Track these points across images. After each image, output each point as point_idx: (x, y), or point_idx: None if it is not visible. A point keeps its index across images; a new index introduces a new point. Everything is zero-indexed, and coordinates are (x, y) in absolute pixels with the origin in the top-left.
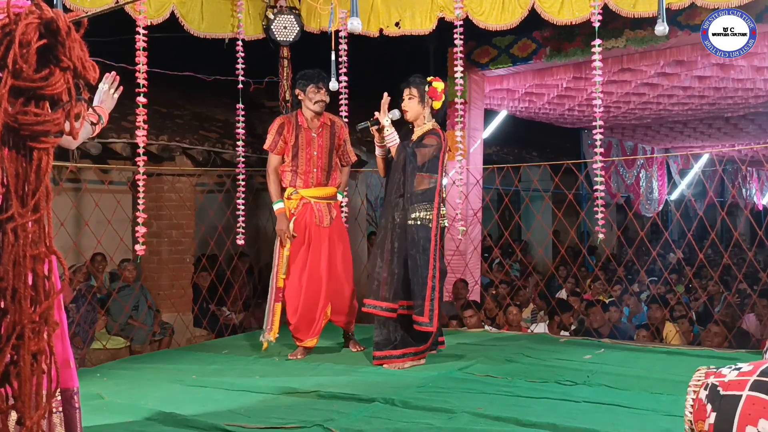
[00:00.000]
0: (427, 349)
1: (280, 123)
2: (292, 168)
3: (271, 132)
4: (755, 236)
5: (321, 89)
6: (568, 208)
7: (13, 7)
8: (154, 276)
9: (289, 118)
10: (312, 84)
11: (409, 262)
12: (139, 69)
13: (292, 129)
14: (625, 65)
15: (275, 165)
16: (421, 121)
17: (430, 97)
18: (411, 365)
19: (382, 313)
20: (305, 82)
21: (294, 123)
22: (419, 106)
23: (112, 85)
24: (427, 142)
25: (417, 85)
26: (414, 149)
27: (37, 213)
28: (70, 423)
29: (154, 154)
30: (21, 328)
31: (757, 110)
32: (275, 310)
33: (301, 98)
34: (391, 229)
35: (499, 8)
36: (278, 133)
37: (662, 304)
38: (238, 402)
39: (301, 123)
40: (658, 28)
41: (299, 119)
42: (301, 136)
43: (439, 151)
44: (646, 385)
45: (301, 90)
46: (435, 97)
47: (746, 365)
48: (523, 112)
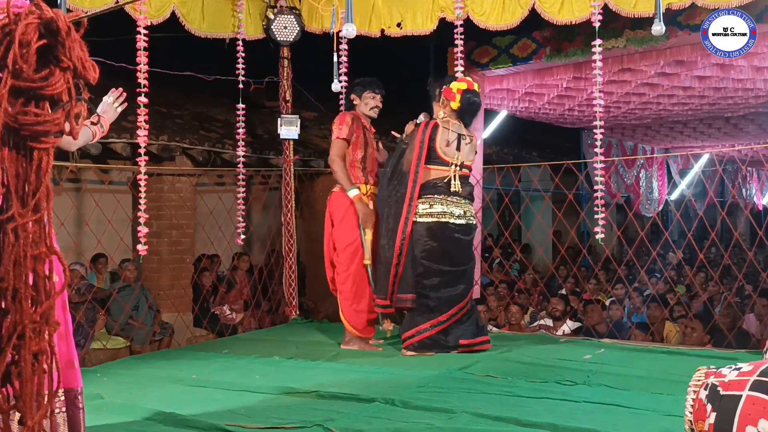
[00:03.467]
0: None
1: (352, 116)
2: (360, 166)
3: (344, 123)
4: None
5: (377, 95)
6: (568, 208)
7: (13, 7)
8: (154, 276)
9: (354, 116)
10: (369, 90)
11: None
12: (140, 69)
13: (360, 127)
14: (625, 65)
15: (343, 153)
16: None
17: (445, 97)
18: None
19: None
20: (362, 88)
21: (360, 122)
22: (435, 106)
23: (117, 99)
24: (407, 140)
25: (439, 85)
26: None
27: (38, 213)
28: (74, 423)
29: (154, 154)
30: (22, 328)
31: (757, 110)
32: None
33: (356, 103)
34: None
35: (499, 8)
36: (353, 124)
37: (662, 303)
38: (238, 402)
39: (364, 123)
40: (655, 27)
41: (362, 119)
42: (368, 136)
43: (413, 143)
44: (646, 385)
45: (357, 95)
46: (449, 97)
47: (746, 365)
48: (523, 112)
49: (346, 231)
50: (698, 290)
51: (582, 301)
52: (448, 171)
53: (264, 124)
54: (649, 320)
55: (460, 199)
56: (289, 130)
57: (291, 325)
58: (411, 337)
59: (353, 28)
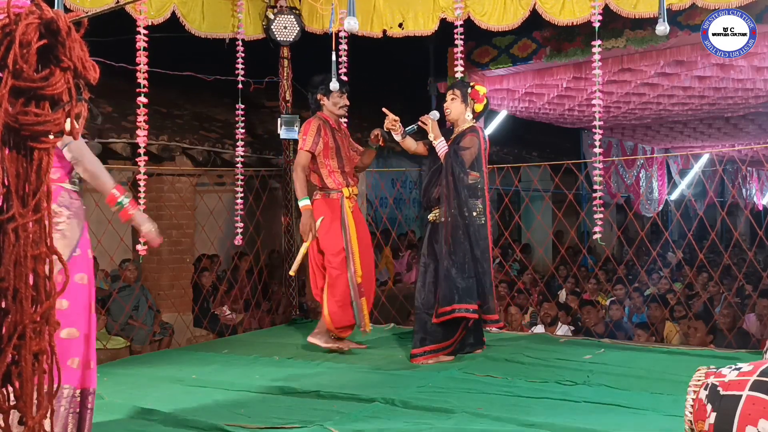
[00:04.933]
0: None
1: (318, 123)
2: (339, 170)
3: (308, 133)
4: (755, 236)
5: (344, 94)
6: (568, 208)
7: (13, 7)
8: (154, 276)
9: (320, 120)
10: (337, 90)
11: (474, 262)
12: (140, 69)
13: (328, 131)
14: (625, 65)
15: (304, 163)
16: (462, 121)
17: (472, 98)
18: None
19: (471, 315)
20: (328, 88)
21: (327, 125)
22: (462, 106)
23: (151, 236)
24: (467, 143)
25: (460, 87)
26: (455, 150)
27: (38, 213)
28: (81, 423)
29: (154, 154)
30: (22, 328)
31: (757, 110)
32: (362, 306)
33: (324, 103)
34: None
35: (500, 9)
36: (317, 133)
37: (662, 303)
38: (238, 402)
39: (333, 125)
40: (659, 28)
41: (330, 122)
42: (338, 137)
43: (479, 149)
44: (646, 385)
45: (324, 95)
46: (477, 99)
47: (746, 365)
48: (523, 112)
49: (333, 237)
50: (698, 290)
51: (580, 300)
52: (478, 175)
53: (264, 124)
54: (650, 320)
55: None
56: (289, 130)
57: (291, 325)
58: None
59: (355, 21)
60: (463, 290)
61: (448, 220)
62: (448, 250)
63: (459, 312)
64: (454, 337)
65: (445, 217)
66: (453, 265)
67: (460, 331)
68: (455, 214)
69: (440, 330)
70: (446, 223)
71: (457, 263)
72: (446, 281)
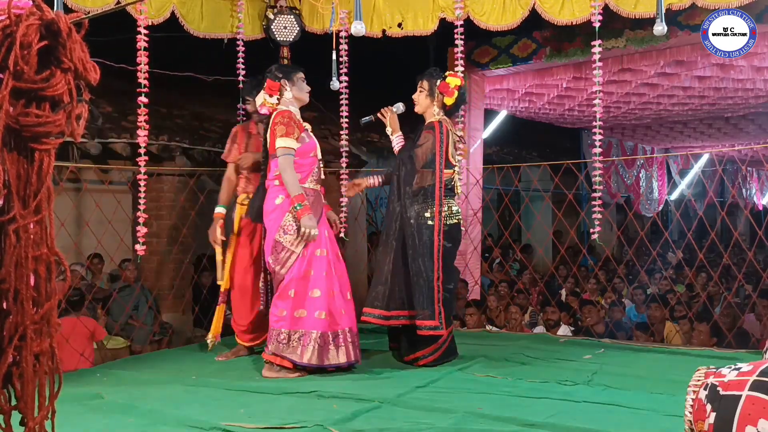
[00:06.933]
0: (437, 351)
1: (234, 132)
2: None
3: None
4: (755, 236)
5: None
6: (568, 208)
7: (14, 8)
8: (154, 276)
9: (237, 130)
10: (297, 71)
11: (412, 266)
12: (140, 69)
13: (244, 137)
14: (625, 65)
15: (229, 173)
16: (429, 115)
17: (440, 92)
18: None
19: (382, 322)
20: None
21: (245, 130)
22: (427, 99)
23: None
24: (420, 140)
25: (429, 78)
26: (409, 153)
27: (39, 214)
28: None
29: (154, 154)
30: (23, 329)
31: (757, 110)
32: (217, 312)
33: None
34: (393, 232)
35: (500, 9)
36: (233, 144)
37: (662, 303)
38: (238, 402)
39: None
40: (657, 28)
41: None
42: (249, 142)
43: (434, 146)
44: (646, 385)
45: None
46: (446, 93)
47: (746, 365)
48: (523, 112)
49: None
50: (698, 290)
51: (580, 300)
52: (453, 173)
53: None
54: (650, 320)
55: (454, 200)
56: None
57: None
58: (436, 351)
59: (362, 25)
60: (371, 295)
61: (390, 217)
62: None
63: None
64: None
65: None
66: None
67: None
68: (399, 212)
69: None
70: (389, 220)
71: (384, 265)
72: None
